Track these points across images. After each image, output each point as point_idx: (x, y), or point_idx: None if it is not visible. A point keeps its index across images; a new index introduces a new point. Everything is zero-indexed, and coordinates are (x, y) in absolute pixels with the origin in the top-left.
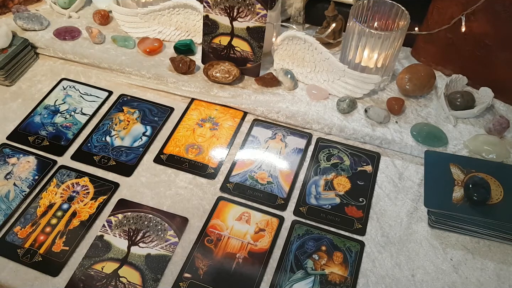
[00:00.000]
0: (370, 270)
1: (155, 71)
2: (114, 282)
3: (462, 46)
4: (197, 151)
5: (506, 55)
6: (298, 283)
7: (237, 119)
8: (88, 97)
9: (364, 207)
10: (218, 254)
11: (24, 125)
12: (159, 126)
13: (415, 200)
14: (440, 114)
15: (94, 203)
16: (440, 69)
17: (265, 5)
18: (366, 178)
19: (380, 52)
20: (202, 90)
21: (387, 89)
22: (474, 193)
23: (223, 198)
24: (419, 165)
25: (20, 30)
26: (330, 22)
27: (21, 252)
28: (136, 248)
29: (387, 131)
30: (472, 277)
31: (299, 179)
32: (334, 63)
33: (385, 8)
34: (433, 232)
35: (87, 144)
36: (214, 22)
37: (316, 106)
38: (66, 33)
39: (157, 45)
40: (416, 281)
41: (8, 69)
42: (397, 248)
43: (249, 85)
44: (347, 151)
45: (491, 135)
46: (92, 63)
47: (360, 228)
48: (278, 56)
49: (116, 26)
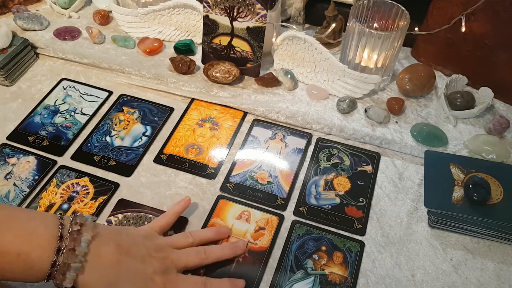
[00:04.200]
0: (370, 270)
1: (155, 71)
2: None
3: (462, 46)
4: (197, 151)
5: (506, 55)
6: (298, 283)
7: (237, 119)
8: (88, 97)
9: (364, 207)
10: None
11: (24, 125)
12: (159, 126)
13: (415, 200)
14: (440, 114)
15: (94, 203)
16: (440, 69)
17: (265, 5)
18: (366, 178)
19: (380, 52)
20: (202, 90)
21: (387, 89)
22: (474, 193)
23: (223, 197)
24: (419, 165)
25: (20, 30)
26: (330, 22)
27: None
28: None
29: (387, 131)
30: (472, 277)
31: (299, 179)
32: (334, 63)
33: (385, 8)
34: (433, 232)
35: (87, 144)
36: (214, 22)
37: (316, 106)
38: (66, 33)
39: (157, 45)
40: (416, 281)
41: (8, 69)
42: (397, 248)
43: (249, 85)
44: (347, 151)
45: (491, 135)
46: (92, 63)
47: (360, 228)
48: (278, 56)
49: (116, 26)
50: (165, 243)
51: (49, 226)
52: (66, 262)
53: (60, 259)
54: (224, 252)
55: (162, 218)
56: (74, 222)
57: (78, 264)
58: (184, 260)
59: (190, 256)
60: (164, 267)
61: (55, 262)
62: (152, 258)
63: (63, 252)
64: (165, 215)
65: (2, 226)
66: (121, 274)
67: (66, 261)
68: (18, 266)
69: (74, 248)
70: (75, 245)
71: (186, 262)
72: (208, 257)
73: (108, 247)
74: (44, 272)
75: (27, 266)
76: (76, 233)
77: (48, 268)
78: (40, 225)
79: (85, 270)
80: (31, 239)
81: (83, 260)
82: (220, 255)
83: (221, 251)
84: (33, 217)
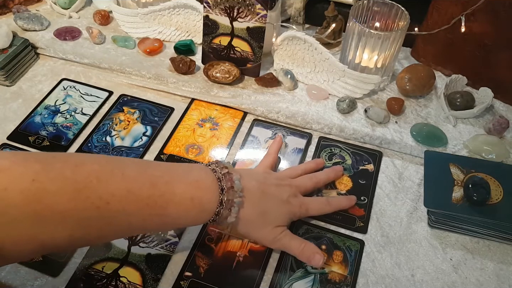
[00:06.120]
0: (370, 270)
1: (155, 71)
2: (114, 282)
3: (462, 46)
4: (197, 151)
5: (506, 55)
6: (298, 282)
7: (237, 119)
8: (89, 97)
9: (366, 205)
10: (219, 252)
11: (24, 125)
12: (159, 126)
13: (415, 200)
14: (440, 114)
15: None
16: (440, 69)
17: (265, 5)
18: (367, 176)
19: (380, 52)
20: (202, 90)
21: (387, 89)
22: (474, 193)
23: None
24: (419, 165)
25: (21, 30)
26: (330, 22)
27: None
28: (137, 248)
29: (387, 131)
30: (472, 277)
31: None
32: (334, 63)
33: (385, 8)
34: (433, 232)
35: (88, 144)
36: (214, 22)
37: (316, 106)
38: (66, 33)
39: (157, 45)
40: (416, 281)
41: (9, 69)
42: (397, 248)
43: (249, 85)
44: (349, 150)
45: (491, 135)
46: (93, 63)
47: (362, 226)
48: (278, 56)
49: (116, 27)
50: (283, 175)
51: (207, 172)
52: (230, 198)
53: (224, 197)
54: (330, 175)
55: (267, 158)
56: (220, 166)
57: (239, 198)
58: (303, 185)
59: (306, 182)
60: (293, 191)
61: (221, 201)
62: (282, 186)
63: (225, 191)
64: (268, 155)
65: (172, 179)
66: (268, 202)
67: (230, 198)
68: (193, 210)
69: (232, 186)
70: (232, 184)
71: (305, 186)
72: (319, 180)
73: (252, 183)
74: (213, 211)
75: (200, 209)
76: (228, 175)
77: (217, 207)
78: (200, 172)
79: (244, 203)
80: (199, 185)
81: (242, 195)
82: (326, 178)
83: (326, 174)
84: (189, 168)
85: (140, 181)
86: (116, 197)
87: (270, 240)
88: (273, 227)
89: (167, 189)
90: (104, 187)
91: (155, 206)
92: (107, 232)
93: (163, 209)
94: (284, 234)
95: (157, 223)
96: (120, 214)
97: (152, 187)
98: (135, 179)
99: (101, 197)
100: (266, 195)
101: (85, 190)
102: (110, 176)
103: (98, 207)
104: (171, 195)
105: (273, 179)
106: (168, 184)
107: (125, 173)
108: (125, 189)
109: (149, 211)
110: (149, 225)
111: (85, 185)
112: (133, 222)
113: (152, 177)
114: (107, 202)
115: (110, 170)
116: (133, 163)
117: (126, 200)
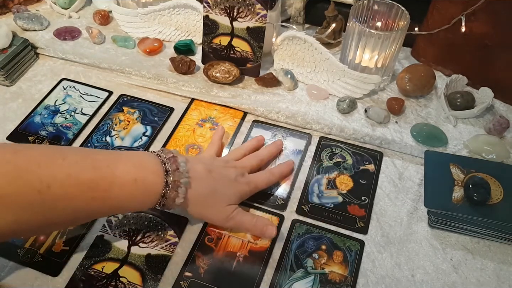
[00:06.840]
0: (370, 270)
1: (155, 71)
2: (114, 282)
3: (462, 46)
4: (197, 151)
5: (506, 55)
6: (298, 282)
7: (237, 119)
8: (88, 97)
9: (366, 205)
10: (219, 253)
11: (24, 125)
12: (159, 126)
13: (415, 200)
14: (440, 114)
15: None
16: (440, 69)
17: (265, 5)
18: (368, 177)
19: (380, 52)
20: (202, 90)
21: (387, 89)
22: (474, 193)
23: None
24: (419, 165)
25: (20, 30)
26: (330, 22)
27: (21, 252)
28: (136, 248)
29: (387, 131)
30: (472, 277)
31: (299, 179)
32: (334, 63)
33: (385, 8)
34: (433, 232)
35: (87, 144)
36: (214, 22)
37: (316, 106)
38: (66, 33)
39: (157, 45)
40: (416, 281)
41: (8, 69)
42: (397, 248)
43: (249, 85)
44: (350, 150)
45: (491, 135)
46: (92, 63)
47: (363, 227)
48: (278, 56)
49: (116, 26)
50: (228, 158)
51: (151, 155)
52: (176, 179)
53: (170, 178)
54: (272, 150)
55: (212, 147)
56: (165, 152)
57: (186, 179)
58: (249, 164)
59: (251, 161)
60: (239, 171)
61: (167, 182)
62: (228, 168)
63: (170, 173)
64: (212, 144)
65: (113, 160)
66: (216, 182)
67: (176, 179)
68: (137, 191)
69: (178, 168)
70: (177, 166)
71: (251, 165)
72: (263, 157)
73: (199, 165)
74: (159, 193)
75: (145, 190)
76: (173, 158)
77: (162, 188)
78: (144, 156)
79: (191, 184)
80: (143, 166)
81: (188, 175)
82: (268, 154)
83: (268, 151)
84: (133, 153)
85: (81, 165)
86: (57, 181)
87: (223, 218)
88: (224, 206)
89: (109, 171)
90: (45, 171)
91: (97, 189)
92: (52, 218)
93: (106, 192)
94: (237, 212)
95: (102, 207)
96: (62, 198)
97: (93, 170)
98: (76, 162)
99: (42, 181)
100: (213, 175)
101: (25, 173)
102: (51, 161)
103: (40, 191)
104: (113, 177)
105: (219, 162)
106: (110, 166)
107: (67, 158)
108: (66, 172)
109: (92, 194)
110: (95, 210)
111: (25, 169)
112: (77, 207)
113: (94, 161)
114: (48, 185)
115: (52, 155)
116: (76, 149)
117: (67, 183)
